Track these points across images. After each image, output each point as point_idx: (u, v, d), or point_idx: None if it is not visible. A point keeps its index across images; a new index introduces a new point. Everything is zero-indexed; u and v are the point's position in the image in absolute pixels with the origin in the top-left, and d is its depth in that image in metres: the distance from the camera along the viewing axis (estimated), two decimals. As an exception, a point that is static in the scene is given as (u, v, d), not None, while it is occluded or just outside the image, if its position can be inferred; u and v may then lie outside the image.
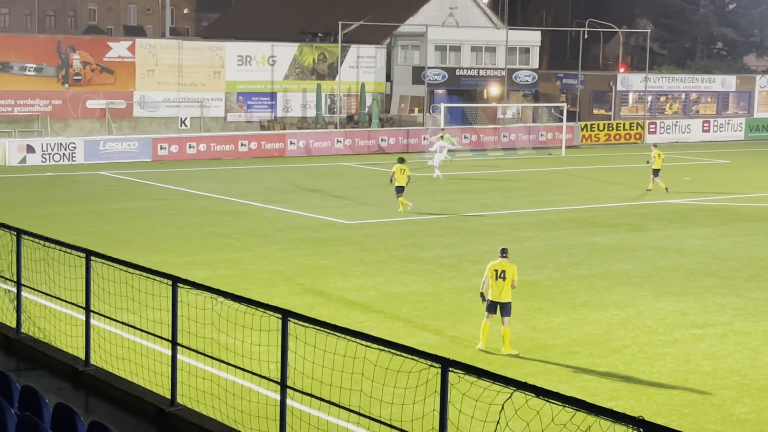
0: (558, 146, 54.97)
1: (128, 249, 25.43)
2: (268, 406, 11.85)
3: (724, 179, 43.92)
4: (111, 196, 35.77)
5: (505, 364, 16.80)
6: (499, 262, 17.54)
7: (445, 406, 8.29)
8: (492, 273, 17.44)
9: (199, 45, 57.72)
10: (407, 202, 32.75)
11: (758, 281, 23.67)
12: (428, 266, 24.58)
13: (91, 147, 45.69)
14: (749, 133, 65.64)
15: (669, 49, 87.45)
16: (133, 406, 11.48)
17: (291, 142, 50.50)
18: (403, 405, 11.82)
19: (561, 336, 18.61)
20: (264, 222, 30.75)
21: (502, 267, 17.47)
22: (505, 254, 17.70)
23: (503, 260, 17.57)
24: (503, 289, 17.39)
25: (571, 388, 15.55)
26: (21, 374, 12.34)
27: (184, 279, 11.16)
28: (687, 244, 28.07)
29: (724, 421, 14.57)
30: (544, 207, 34.82)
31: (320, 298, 21.21)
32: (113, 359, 13.20)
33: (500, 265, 17.50)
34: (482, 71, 62.64)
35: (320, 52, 59.52)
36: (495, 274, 17.40)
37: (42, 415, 8.46)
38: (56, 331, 14.42)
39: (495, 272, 17.41)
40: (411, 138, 53.59)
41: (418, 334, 18.46)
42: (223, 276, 22.78)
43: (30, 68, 51.59)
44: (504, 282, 17.35)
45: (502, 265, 17.50)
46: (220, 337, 14.44)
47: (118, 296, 14.00)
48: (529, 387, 7.62)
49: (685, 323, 19.79)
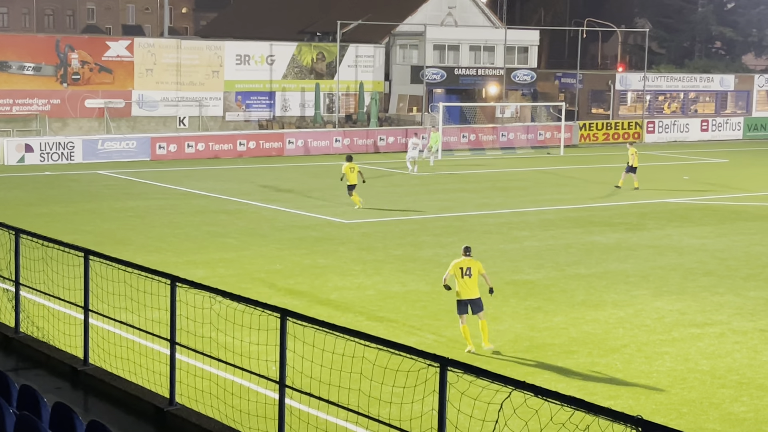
0: (556, 145, 54.97)
1: (127, 248, 25.43)
2: (267, 406, 11.86)
3: (722, 178, 43.93)
4: (109, 195, 35.76)
5: (504, 363, 16.81)
6: (463, 260, 17.62)
7: (443, 406, 8.29)
8: (457, 271, 17.50)
9: (197, 44, 57.72)
10: (359, 199, 32.98)
11: (756, 280, 23.68)
12: (426, 265, 24.58)
13: (90, 146, 45.68)
14: (748, 133, 65.66)
15: (667, 48, 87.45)
16: (132, 405, 11.48)
17: (289, 142, 50.49)
18: (401, 404, 11.83)
19: (559, 335, 18.62)
20: (262, 221, 30.76)
21: (467, 264, 17.56)
22: (468, 252, 17.81)
23: (467, 258, 17.66)
24: (471, 286, 17.50)
25: (569, 387, 15.56)
26: (20, 374, 12.34)
27: (182, 278, 11.16)
28: (685, 244, 28.08)
29: (723, 420, 14.58)
30: (543, 206, 34.83)
31: (318, 297, 21.21)
32: (112, 358, 13.20)
33: (465, 262, 17.58)
34: (481, 70, 62.64)
35: (319, 51, 59.51)
36: (461, 272, 17.49)
37: (41, 414, 8.46)
38: (55, 330, 14.42)
39: (460, 270, 17.49)
40: (410, 137, 53.52)
41: (416, 333, 18.46)
42: (221, 275, 22.79)
43: (28, 67, 51.57)
44: (470, 279, 17.46)
45: (466, 262, 17.59)
46: (219, 337, 14.44)
47: (116, 295, 14.01)
48: (527, 386, 7.62)
49: (683, 322, 19.80)
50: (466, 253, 17.73)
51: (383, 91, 61.57)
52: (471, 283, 17.43)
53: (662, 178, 43.48)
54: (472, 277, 17.43)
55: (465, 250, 17.83)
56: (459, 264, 17.55)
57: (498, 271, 24.13)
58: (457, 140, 54.18)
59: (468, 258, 17.64)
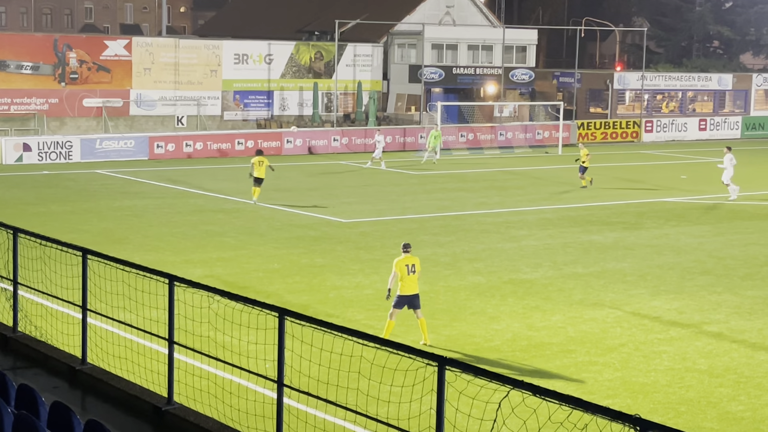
0: (555, 144, 54.99)
1: (125, 247, 25.43)
2: (265, 405, 11.86)
3: (720, 178, 43.91)
4: (107, 194, 35.75)
5: (502, 362, 16.82)
6: (407, 257, 17.79)
7: (441, 405, 8.30)
8: (403, 269, 17.66)
9: (195, 43, 57.71)
10: (259, 192, 33.42)
11: (754, 279, 23.69)
12: (425, 264, 24.47)
13: (88, 145, 45.66)
14: (745, 132, 65.69)
15: (665, 47, 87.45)
16: (130, 404, 11.48)
17: (288, 141, 50.49)
18: (399, 403, 11.83)
19: (557, 334, 18.63)
20: (260, 220, 30.75)
21: (411, 261, 17.79)
22: (408, 249, 17.97)
23: (408, 255, 17.83)
24: (414, 282, 17.74)
25: (567, 386, 15.57)
26: (18, 373, 12.33)
27: (180, 277, 11.15)
28: (683, 243, 28.09)
29: (721, 419, 14.59)
30: (541, 205, 34.84)
31: (316, 296, 21.21)
32: (110, 357, 13.20)
33: (408, 259, 17.79)
34: (479, 70, 62.65)
35: (317, 50, 59.51)
36: (407, 269, 17.69)
37: (39, 413, 8.45)
38: (53, 329, 14.41)
39: (406, 267, 17.69)
40: (408, 136, 53.59)
41: (414, 332, 18.46)
42: (219, 274, 22.79)
43: (26, 67, 51.55)
44: (414, 275, 17.71)
45: (410, 259, 17.81)
46: (217, 336, 14.43)
47: (114, 295, 14.00)
48: (525, 385, 7.63)
49: (681, 321, 19.81)
50: (407, 250, 17.93)
51: (381, 91, 61.58)
52: (414, 279, 17.73)
53: (660, 177, 43.50)
54: (416, 273, 17.73)
55: (405, 247, 18.03)
56: (404, 261, 17.74)
57: (496, 270, 24.15)
58: (455, 139, 54.19)
59: (410, 255, 17.88)
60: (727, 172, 36.57)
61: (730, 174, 36.47)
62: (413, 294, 17.72)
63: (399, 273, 17.69)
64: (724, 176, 36.62)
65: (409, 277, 17.68)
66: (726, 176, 36.55)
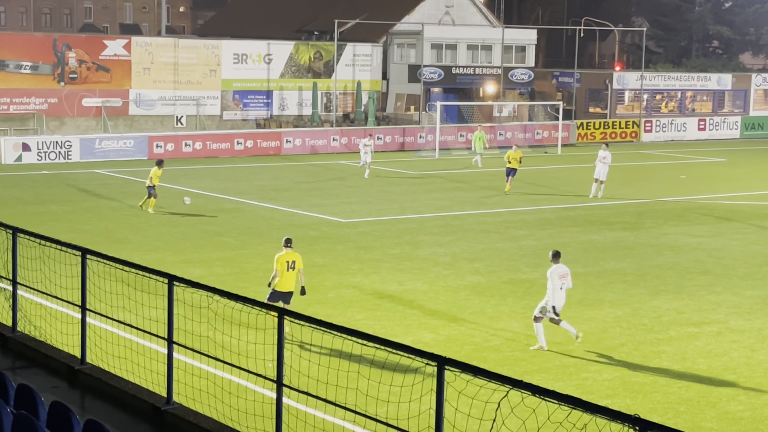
0: (554, 144, 54.98)
1: (124, 247, 25.42)
2: (264, 404, 11.86)
3: (719, 177, 43.97)
4: (107, 194, 35.74)
5: (501, 362, 16.82)
6: (287, 253, 17.80)
7: (441, 404, 8.29)
8: (284, 265, 17.65)
9: (195, 43, 57.69)
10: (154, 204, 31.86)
11: (753, 279, 23.70)
12: (424, 264, 24.59)
13: (87, 145, 45.64)
14: (745, 132, 65.69)
15: (665, 47, 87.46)
16: (129, 404, 11.47)
17: (287, 141, 50.48)
18: (399, 403, 11.83)
19: (557, 334, 18.63)
20: (260, 220, 30.75)
21: (292, 257, 17.79)
22: (289, 244, 17.98)
23: (289, 250, 17.83)
24: (292, 279, 17.75)
25: (566, 386, 15.57)
26: (17, 373, 12.33)
27: (180, 277, 11.15)
28: (682, 242, 28.10)
29: (720, 419, 14.59)
30: (540, 205, 34.84)
31: (316, 296, 21.20)
32: (109, 357, 13.20)
33: (289, 255, 17.78)
34: (478, 69, 62.65)
35: (316, 50, 59.51)
36: (287, 265, 17.68)
37: (38, 413, 8.45)
38: (52, 329, 14.41)
39: (287, 263, 17.68)
40: (407, 136, 53.59)
41: (414, 332, 18.46)
42: (218, 274, 22.78)
43: (26, 66, 51.54)
44: (293, 272, 17.72)
45: (290, 255, 17.80)
46: (216, 335, 14.43)
47: (114, 294, 14.00)
48: (525, 385, 7.62)
49: (680, 321, 19.81)
50: (288, 245, 17.93)
51: (381, 90, 61.58)
52: (293, 276, 17.72)
53: (659, 177, 43.51)
54: (295, 270, 17.73)
55: (287, 242, 18.04)
56: (285, 257, 17.73)
57: (495, 269, 24.15)
58: (454, 139, 54.18)
59: (291, 250, 17.85)
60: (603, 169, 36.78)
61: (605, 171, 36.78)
62: (287, 291, 17.65)
63: (279, 270, 17.60)
64: (602, 173, 36.74)
65: (289, 273, 17.62)
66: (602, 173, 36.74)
